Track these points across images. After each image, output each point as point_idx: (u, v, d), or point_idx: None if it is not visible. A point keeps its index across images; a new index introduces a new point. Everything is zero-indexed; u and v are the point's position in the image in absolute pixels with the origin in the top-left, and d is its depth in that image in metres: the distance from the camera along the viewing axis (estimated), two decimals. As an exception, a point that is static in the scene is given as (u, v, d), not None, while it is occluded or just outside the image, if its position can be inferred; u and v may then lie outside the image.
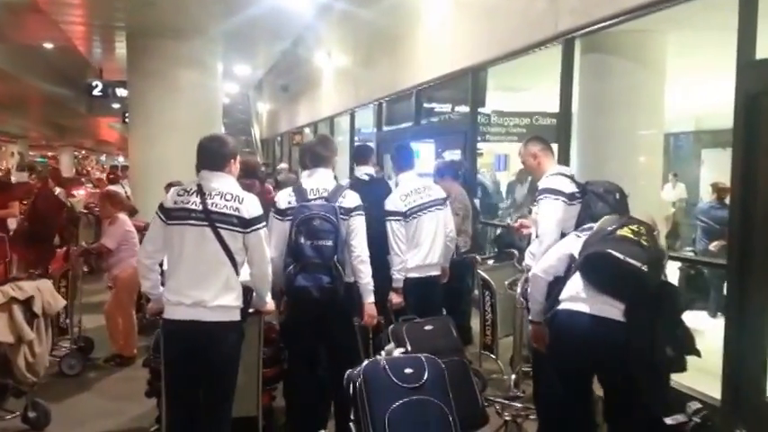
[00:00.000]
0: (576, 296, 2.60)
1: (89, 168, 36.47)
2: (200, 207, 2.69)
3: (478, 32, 6.52)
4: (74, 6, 9.22)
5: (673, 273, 6.05)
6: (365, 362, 2.63)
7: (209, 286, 2.67)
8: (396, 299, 3.74)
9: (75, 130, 29.92)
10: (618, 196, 3.21)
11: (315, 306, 3.06)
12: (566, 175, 3.36)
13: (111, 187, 8.26)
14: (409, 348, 3.09)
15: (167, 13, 8.63)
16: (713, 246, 6.34)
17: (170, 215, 2.73)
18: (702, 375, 4.28)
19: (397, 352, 2.82)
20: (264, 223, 2.85)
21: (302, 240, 3.00)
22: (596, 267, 2.56)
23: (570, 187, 3.27)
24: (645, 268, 2.46)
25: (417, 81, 8.03)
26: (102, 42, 11.98)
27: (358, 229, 3.21)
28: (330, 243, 3.01)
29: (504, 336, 4.48)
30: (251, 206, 2.76)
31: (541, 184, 3.34)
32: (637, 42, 5.24)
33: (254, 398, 3.15)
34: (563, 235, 3.10)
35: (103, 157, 46.31)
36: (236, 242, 2.72)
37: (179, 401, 2.83)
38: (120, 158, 34.71)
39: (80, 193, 13.00)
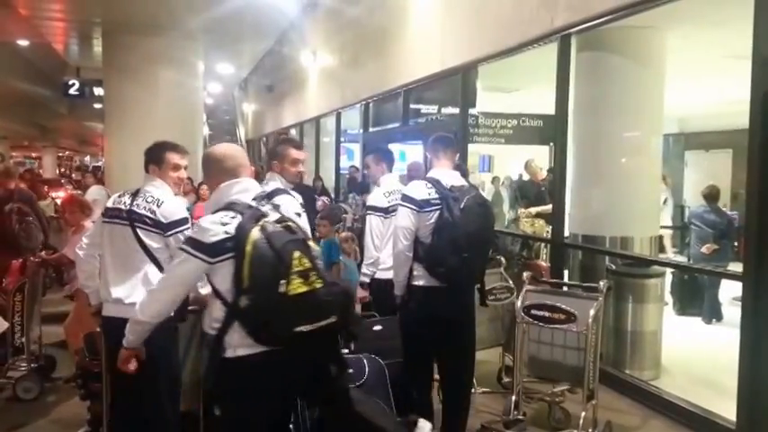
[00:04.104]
0: None
1: (65, 171, 35.81)
2: (127, 207, 2.82)
3: (469, 29, 6.25)
4: (46, 0, 8.82)
5: (667, 278, 5.86)
6: None
7: (126, 283, 2.76)
8: (361, 293, 3.69)
9: (57, 131, 29.33)
10: None
11: None
12: (430, 180, 3.21)
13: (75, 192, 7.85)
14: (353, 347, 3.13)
15: (145, 5, 8.25)
16: (705, 248, 6.35)
17: (106, 214, 2.89)
18: (715, 394, 4.04)
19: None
20: (187, 226, 2.79)
21: None
22: None
23: (423, 194, 3.15)
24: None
25: (405, 81, 7.75)
26: (78, 40, 11.60)
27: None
28: None
29: (483, 348, 4.23)
30: (168, 210, 2.79)
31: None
32: (636, 39, 4.99)
33: (196, 392, 3.12)
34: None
35: (87, 158, 45.53)
36: (153, 241, 2.78)
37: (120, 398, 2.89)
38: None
39: (59, 195, 12.81)
